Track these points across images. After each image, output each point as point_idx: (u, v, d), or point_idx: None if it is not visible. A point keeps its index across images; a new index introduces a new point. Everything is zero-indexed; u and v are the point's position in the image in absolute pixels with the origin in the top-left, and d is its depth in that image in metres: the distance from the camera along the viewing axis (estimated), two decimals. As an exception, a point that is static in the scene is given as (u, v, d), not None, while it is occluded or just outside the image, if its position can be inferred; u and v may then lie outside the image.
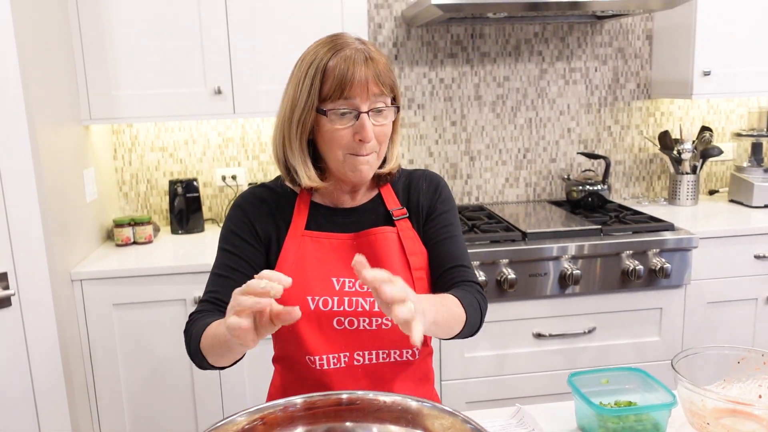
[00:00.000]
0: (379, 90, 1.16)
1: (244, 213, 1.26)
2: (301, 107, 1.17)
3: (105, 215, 2.52)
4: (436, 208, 1.31)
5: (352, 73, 1.13)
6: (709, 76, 2.58)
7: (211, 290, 1.23)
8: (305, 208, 1.27)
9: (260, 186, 1.31)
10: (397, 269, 1.23)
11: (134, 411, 2.23)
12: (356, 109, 1.15)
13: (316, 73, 1.15)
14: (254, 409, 0.84)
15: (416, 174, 1.36)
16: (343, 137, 1.17)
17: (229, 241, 1.25)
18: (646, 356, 2.38)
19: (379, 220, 1.28)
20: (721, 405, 1.12)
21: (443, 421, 0.86)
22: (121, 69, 2.29)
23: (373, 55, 1.17)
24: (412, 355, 1.26)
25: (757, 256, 2.42)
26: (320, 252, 1.24)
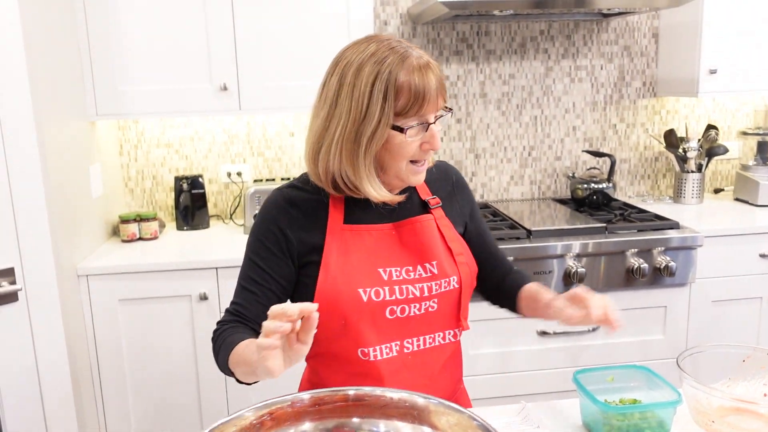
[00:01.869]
0: (443, 101, 1.18)
1: (273, 220, 1.23)
2: (372, 124, 1.13)
3: (111, 211, 2.52)
4: (474, 204, 1.39)
5: (424, 89, 1.13)
6: (716, 75, 2.57)
7: (236, 302, 1.23)
8: (340, 203, 1.25)
9: (289, 187, 1.27)
10: (441, 256, 1.26)
11: (139, 406, 2.24)
12: (427, 122, 1.16)
13: (388, 89, 1.12)
14: (262, 405, 0.85)
15: (444, 165, 1.39)
16: (412, 148, 1.17)
17: (256, 252, 1.23)
18: (650, 354, 2.38)
19: (415, 209, 1.29)
20: (726, 403, 1.12)
21: (450, 417, 0.86)
22: (127, 65, 2.30)
23: (431, 62, 1.17)
24: (453, 336, 1.30)
25: (763, 254, 2.41)
26: (363, 245, 1.24)
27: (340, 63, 1.18)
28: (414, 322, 1.24)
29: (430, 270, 1.24)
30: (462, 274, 1.27)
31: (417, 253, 1.25)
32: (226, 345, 1.13)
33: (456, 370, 1.35)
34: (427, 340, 1.26)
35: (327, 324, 1.21)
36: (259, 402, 0.87)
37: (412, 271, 1.24)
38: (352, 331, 1.20)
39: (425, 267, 1.25)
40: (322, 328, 1.24)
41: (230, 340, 1.13)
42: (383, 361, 1.22)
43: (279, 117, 2.73)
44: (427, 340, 1.26)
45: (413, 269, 1.24)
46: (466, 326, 1.32)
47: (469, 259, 1.31)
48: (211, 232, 2.57)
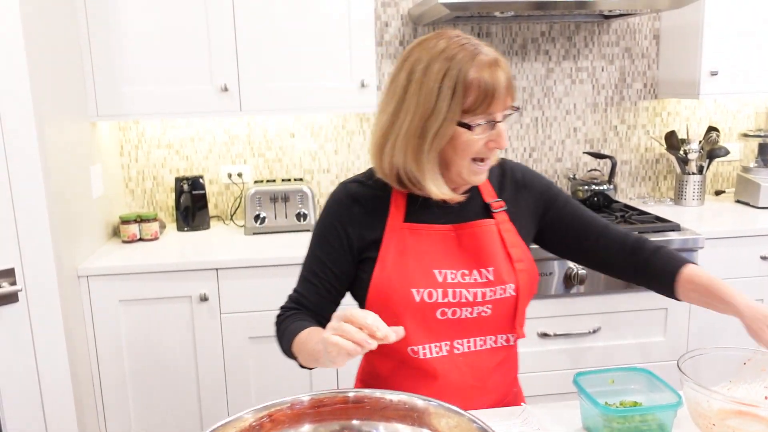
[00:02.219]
0: (511, 99, 1.16)
1: (337, 217, 1.26)
2: (439, 120, 1.13)
3: (111, 212, 2.52)
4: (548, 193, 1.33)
5: (494, 86, 1.12)
6: (717, 76, 2.57)
7: (299, 291, 1.29)
8: (402, 201, 1.26)
9: (353, 182, 1.29)
10: (499, 262, 1.24)
11: (140, 407, 2.24)
12: (494, 120, 1.15)
13: (456, 85, 1.12)
14: (261, 407, 0.85)
15: (507, 165, 1.35)
16: (478, 145, 1.16)
17: (320, 246, 1.28)
18: (651, 356, 2.38)
19: (477, 211, 1.28)
20: (727, 406, 1.11)
21: (449, 419, 0.86)
22: (127, 66, 2.30)
23: (500, 59, 1.16)
24: (507, 341, 1.29)
25: (764, 257, 2.41)
26: (420, 244, 1.24)
27: (409, 59, 1.18)
28: (465, 325, 1.24)
29: (486, 276, 1.23)
30: (520, 281, 1.25)
31: (474, 258, 1.25)
32: (290, 331, 1.19)
33: (509, 373, 1.35)
34: (477, 342, 1.26)
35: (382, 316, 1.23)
36: (259, 405, 0.87)
37: (468, 275, 1.23)
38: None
39: (481, 272, 1.24)
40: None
41: (293, 327, 1.19)
42: (434, 360, 1.24)
43: (280, 118, 2.73)
44: (478, 342, 1.26)
45: (469, 273, 1.24)
46: (521, 334, 1.31)
47: (529, 266, 1.28)
48: (212, 233, 2.57)
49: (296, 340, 1.17)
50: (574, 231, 1.33)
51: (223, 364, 2.24)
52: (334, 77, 2.40)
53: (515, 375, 1.39)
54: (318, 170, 2.78)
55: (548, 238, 1.36)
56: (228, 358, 2.23)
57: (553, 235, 1.35)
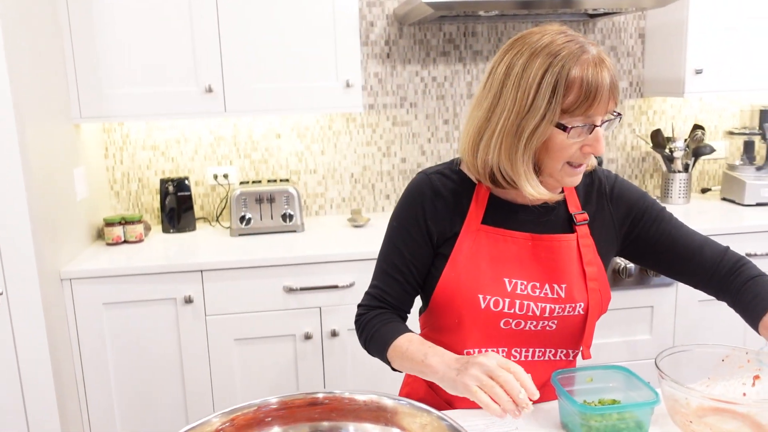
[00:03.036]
0: (614, 103, 1.10)
1: (420, 208, 1.22)
2: (536, 119, 1.08)
3: (95, 214, 2.51)
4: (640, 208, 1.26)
5: (597, 86, 1.05)
6: (702, 75, 2.58)
7: (379, 286, 1.26)
8: (483, 201, 1.22)
9: (436, 173, 1.24)
10: (574, 280, 1.21)
11: (125, 411, 2.23)
12: (593, 123, 1.09)
13: (558, 83, 1.06)
14: (229, 410, 0.84)
15: (597, 173, 1.28)
16: (573, 149, 1.11)
17: (401, 238, 1.24)
18: (637, 354, 2.38)
19: (558, 222, 1.23)
20: (705, 403, 1.11)
21: (420, 419, 0.86)
22: (111, 67, 2.29)
23: (605, 59, 1.09)
24: (566, 356, 1.27)
25: (749, 254, 2.42)
26: (495, 249, 1.21)
27: (510, 52, 1.12)
28: (527, 335, 1.22)
29: (558, 292, 1.20)
30: (591, 300, 1.22)
31: (548, 272, 1.21)
32: (382, 335, 1.18)
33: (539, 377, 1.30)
34: (536, 353, 1.24)
35: (443, 318, 1.24)
36: (229, 407, 0.86)
37: (539, 289, 1.20)
38: (464, 331, 1.21)
39: (553, 288, 1.20)
40: (437, 319, 1.27)
41: (385, 331, 1.18)
42: None
43: (266, 119, 2.72)
44: (536, 353, 1.24)
45: (540, 287, 1.20)
46: (587, 355, 1.27)
47: (602, 286, 1.24)
48: (198, 235, 2.56)
49: (393, 348, 1.16)
50: (663, 250, 1.26)
51: (208, 366, 2.23)
52: (320, 77, 2.39)
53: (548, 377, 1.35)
54: (304, 171, 2.78)
55: (632, 254, 1.31)
56: (213, 361, 2.22)
57: (639, 251, 1.29)
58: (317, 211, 2.82)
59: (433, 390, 1.32)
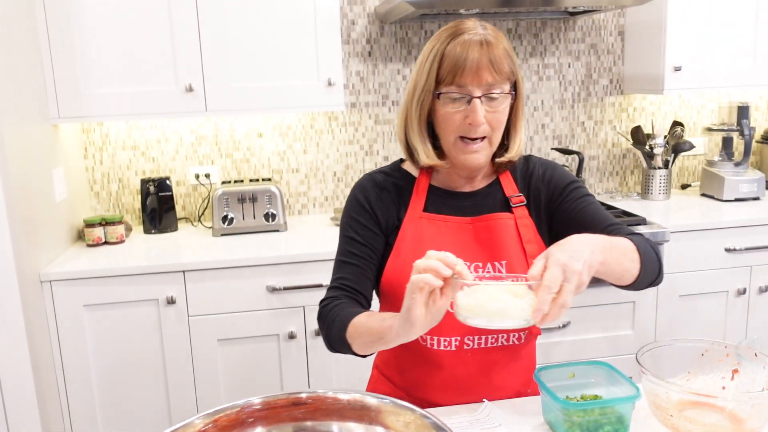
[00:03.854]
0: (492, 77, 1.17)
1: (365, 199, 1.30)
2: (420, 89, 1.22)
3: (75, 215, 2.48)
4: (563, 188, 1.31)
5: (465, 59, 1.16)
6: (680, 72, 2.60)
7: (340, 276, 1.28)
8: (423, 191, 1.30)
9: (377, 172, 1.34)
10: (514, 256, 1.25)
11: (107, 414, 2.21)
12: (469, 95, 1.18)
13: (434, 57, 1.20)
14: (212, 411, 0.84)
15: (533, 161, 1.35)
16: (455, 120, 1.20)
17: (352, 228, 1.29)
18: (619, 350, 2.40)
19: (496, 205, 1.30)
20: (685, 397, 1.13)
21: (403, 417, 0.86)
22: (90, 67, 2.26)
23: (491, 40, 1.18)
24: (518, 339, 1.29)
25: (728, 249, 2.45)
26: (437, 235, 1.26)
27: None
28: None
29: (498, 269, 1.24)
30: None
31: (489, 251, 1.26)
32: (341, 320, 1.17)
33: (522, 373, 1.33)
34: (489, 339, 1.26)
35: (393, 307, 1.25)
36: (212, 408, 0.86)
37: (481, 268, 1.25)
38: None
39: (494, 265, 1.25)
40: (389, 309, 1.27)
41: (344, 315, 1.18)
42: (443, 352, 1.25)
43: (247, 118, 2.70)
44: (489, 340, 1.26)
45: (483, 266, 1.25)
46: (536, 331, 1.32)
47: None
48: (179, 235, 2.54)
49: (352, 325, 1.16)
50: (576, 227, 1.27)
51: (191, 367, 2.21)
52: (301, 76, 2.38)
53: (531, 373, 1.37)
54: (287, 170, 2.77)
55: (555, 232, 1.32)
56: (197, 362, 2.21)
57: (558, 229, 1.31)
58: (300, 210, 2.81)
59: (403, 390, 1.34)
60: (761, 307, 2.52)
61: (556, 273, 0.94)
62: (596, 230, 1.24)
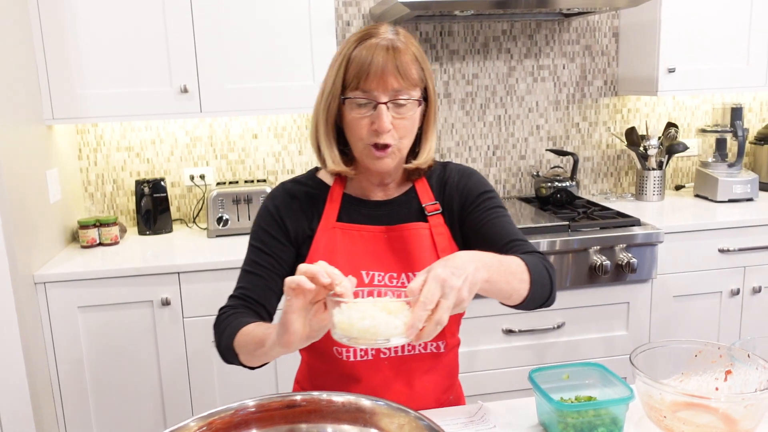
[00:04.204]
0: (398, 84, 1.15)
1: (275, 210, 1.27)
2: (328, 93, 1.20)
3: (70, 216, 2.48)
4: (476, 197, 1.29)
5: (370, 63, 1.14)
6: (674, 73, 2.61)
7: (241, 286, 1.25)
8: (337, 200, 1.28)
9: (291, 181, 1.32)
10: (427, 265, 1.21)
11: (101, 416, 2.20)
12: (374, 100, 1.15)
13: (342, 61, 1.18)
14: (206, 414, 0.84)
15: (450, 167, 1.34)
16: (362, 126, 1.17)
17: (259, 238, 1.26)
18: (614, 350, 2.41)
19: (411, 214, 1.28)
20: (679, 398, 1.13)
21: (398, 419, 0.86)
22: (84, 67, 2.25)
23: (398, 45, 1.16)
24: (437, 348, 1.27)
25: (722, 249, 2.46)
26: (351, 244, 1.25)
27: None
28: None
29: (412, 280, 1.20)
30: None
31: (403, 261, 1.24)
32: (232, 328, 1.13)
33: (443, 378, 1.32)
34: (405, 348, 1.24)
35: None
36: (206, 411, 0.86)
37: (396, 278, 1.23)
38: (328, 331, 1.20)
39: (409, 276, 1.23)
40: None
41: (236, 323, 1.14)
42: (358, 363, 1.23)
43: (242, 119, 2.70)
44: (406, 348, 1.25)
45: (397, 276, 1.23)
46: (452, 342, 1.30)
47: None
48: (174, 237, 2.53)
49: (241, 334, 1.11)
50: (481, 239, 1.26)
51: (186, 369, 2.21)
52: (296, 77, 2.38)
53: (452, 380, 1.37)
54: (281, 171, 2.77)
55: (465, 242, 1.31)
56: (191, 363, 2.21)
57: (467, 238, 1.29)
58: (295, 211, 2.81)
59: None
60: (755, 308, 2.53)
61: (433, 289, 0.89)
62: (499, 244, 1.23)
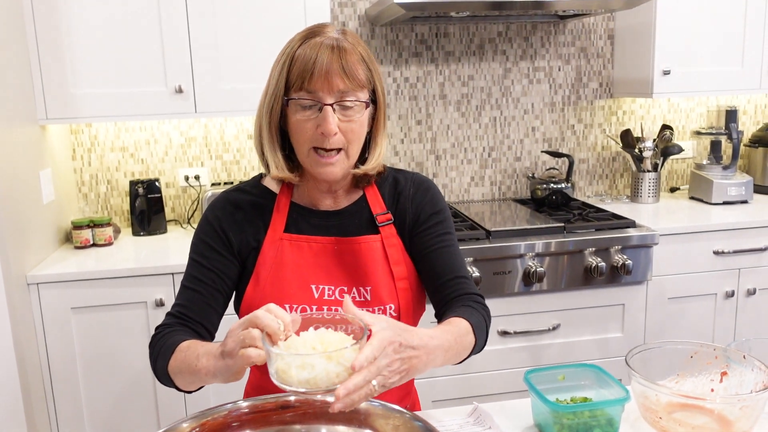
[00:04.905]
0: (345, 84, 1.09)
1: (216, 221, 1.20)
2: (271, 94, 1.14)
3: (63, 217, 2.46)
4: (428, 217, 1.24)
5: (314, 63, 1.08)
6: (669, 76, 2.62)
7: (178, 303, 1.18)
8: (284, 210, 1.21)
9: (234, 190, 1.24)
10: (380, 279, 1.19)
11: (95, 417, 2.19)
12: (319, 101, 1.10)
13: (285, 60, 1.12)
14: (199, 414, 0.83)
15: (404, 176, 1.28)
16: (307, 130, 1.11)
17: (199, 251, 1.19)
18: (609, 352, 2.40)
19: (362, 225, 1.22)
20: (674, 399, 1.13)
21: (393, 420, 0.85)
22: (78, 67, 2.24)
23: (344, 45, 1.11)
24: None
25: (716, 251, 2.46)
26: (299, 257, 1.19)
27: None
28: None
29: (364, 295, 1.18)
30: (401, 301, 1.20)
31: (354, 275, 1.19)
32: (165, 349, 1.07)
33: (398, 390, 1.25)
34: None
35: None
36: (199, 412, 0.85)
37: (347, 293, 1.18)
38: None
39: (360, 291, 1.19)
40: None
41: (170, 343, 1.07)
42: None
43: (237, 119, 2.69)
44: None
45: (348, 291, 1.19)
46: None
47: (415, 285, 1.23)
48: (169, 237, 2.52)
49: (175, 357, 1.04)
50: (425, 265, 1.23)
51: (180, 370, 2.19)
52: (291, 78, 2.37)
53: (409, 387, 1.34)
54: (277, 172, 2.75)
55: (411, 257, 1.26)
56: (185, 364, 2.19)
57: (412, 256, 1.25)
58: (290, 212, 2.80)
59: None
60: (749, 310, 2.53)
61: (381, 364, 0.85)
62: (443, 278, 1.20)
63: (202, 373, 0.95)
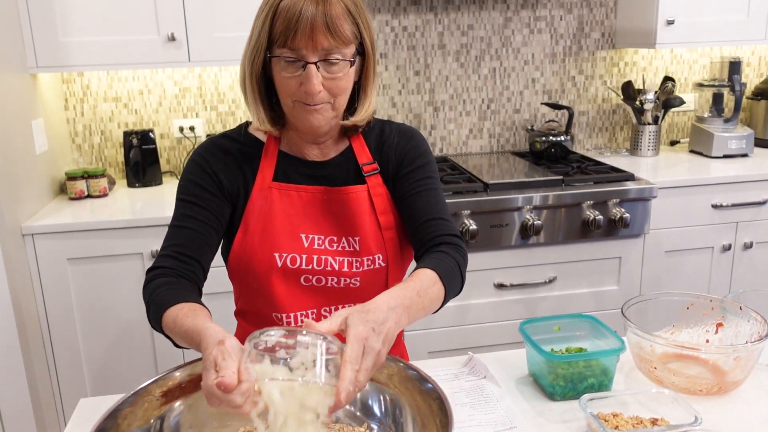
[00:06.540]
0: (329, 42, 1.05)
1: (206, 164, 1.17)
2: (253, 46, 1.10)
3: (57, 168, 2.44)
4: (410, 162, 1.23)
5: (297, 21, 1.03)
6: (673, 25, 2.56)
7: (172, 243, 1.13)
8: (273, 158, 1.19)
9: (221, 136, 1.21)
10: (367, 229, 1.19)
11: (94, 369, 2.21)
12: (303, 59, 1.06)
13: (268, 11, 1.07)
14: (190, 362, 0.82)
15: (390, 127, 1.26)
16: (291, 86, 1.09)
17: (189, 191, 1.16)
18: (605, 305, 2.42)
19: (350, 175, 1.21)
20: (669, 350, 1.13)
21: (387, 369, 0.85)
22: (68, 14, 2.18)
23: (331, 1, 1.05)
24: None
25: (715, 205, 2.45)
26: (289, 206, 1.18)
27: None
28: (332, 293, 1.19)
29: (353, 245, 1.18)
30: (389, 250, 1.20)
31: (343, 225, 1.19)
32: (160, 302, 1.04)
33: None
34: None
35: (244, 283, 1.20)
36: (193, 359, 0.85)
37: (336, 243, 1.18)
38: (267, 294, 1.17)
39: (349, 241, 1.18)
40: (240, 286, 1.22)
41: (165, 297, 1.04)
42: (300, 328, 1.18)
43: (232, 69, 2.64)
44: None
45: (337, 241, 1.18)
46: None
47: (401, 234, 1.23)
48: (164, 189, 2.50)
49: (170, 316, 1.01)
50: (405, 209, 1.22)
51: (178, 321, 2.20)
52: (286, 26, 2.31)
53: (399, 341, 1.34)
54: (273, 123, 2.72)
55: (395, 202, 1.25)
56: (183, 315, 2.20)
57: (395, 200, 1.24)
58: (287, 164, 2.77)
59: None
60: (745, 264, 2.54)
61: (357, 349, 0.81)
62: (420, 220, 1.18)
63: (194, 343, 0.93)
